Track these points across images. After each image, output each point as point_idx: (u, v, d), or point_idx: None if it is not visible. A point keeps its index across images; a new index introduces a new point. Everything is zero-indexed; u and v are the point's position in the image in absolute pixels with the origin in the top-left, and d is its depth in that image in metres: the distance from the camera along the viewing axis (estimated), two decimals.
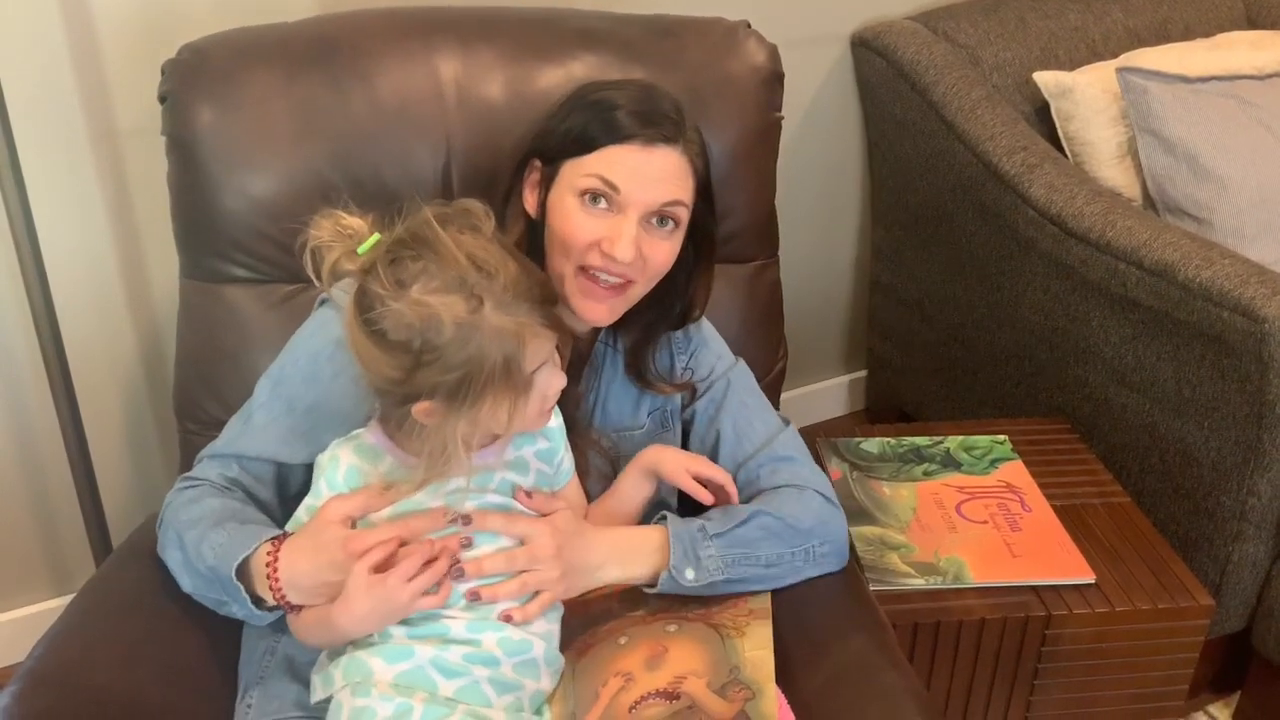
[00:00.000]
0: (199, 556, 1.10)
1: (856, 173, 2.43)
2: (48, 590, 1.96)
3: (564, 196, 1.17)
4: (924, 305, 2.32)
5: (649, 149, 1.15)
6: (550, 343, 1.03)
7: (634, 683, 1.11)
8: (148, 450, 1.92)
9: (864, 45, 2.23)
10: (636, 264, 1.16)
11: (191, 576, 1.13)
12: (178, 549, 1.14)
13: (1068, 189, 1.90)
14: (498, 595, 1.08)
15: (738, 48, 1.48)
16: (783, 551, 1.21)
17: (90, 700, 1.10)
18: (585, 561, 1.15)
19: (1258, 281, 1.63)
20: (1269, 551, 1.76)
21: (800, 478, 1.27)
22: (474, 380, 0.97)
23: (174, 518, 1.15)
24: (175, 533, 1.14)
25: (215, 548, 1.09)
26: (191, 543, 1.11)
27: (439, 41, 1.41)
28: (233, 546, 1.08)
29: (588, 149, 1.16)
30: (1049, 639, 1.50)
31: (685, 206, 1.18)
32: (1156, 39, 2.32)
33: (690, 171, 1.18)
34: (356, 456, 1.09)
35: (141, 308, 1.82)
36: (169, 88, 1.34)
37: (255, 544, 1.07)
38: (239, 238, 1.35)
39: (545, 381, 1.04)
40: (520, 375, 0.99)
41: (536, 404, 1.05)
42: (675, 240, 1.20)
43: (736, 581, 1.20)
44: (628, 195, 1.14)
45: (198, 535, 1.11)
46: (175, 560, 1.15)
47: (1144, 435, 1.86)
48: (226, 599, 1.10)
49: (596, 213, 1.15)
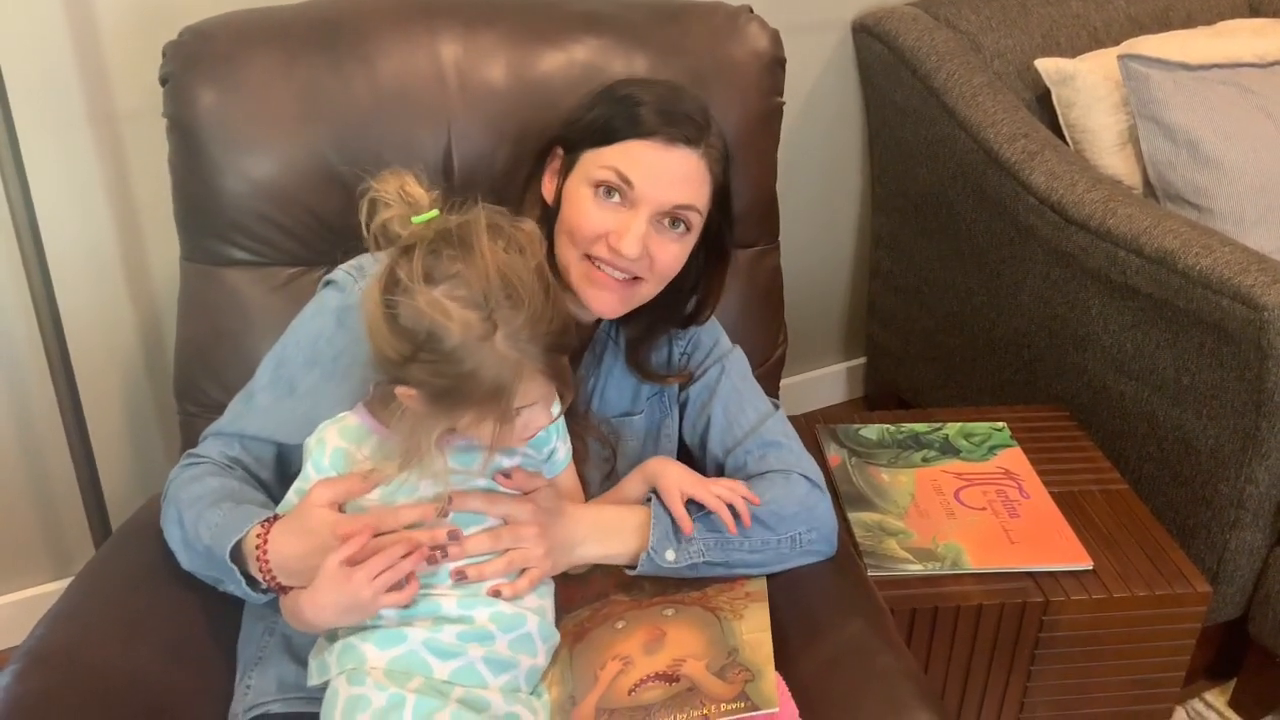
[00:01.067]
0: (196, 536, 1.11)
1: (857, 159, 2.43)
2: (48, 573, 1.97)
3: (579, 186, 1.17)
4: (923, 292, 2.32)
5: (669, 148, 1.14)
6: (547, 389, 1.03)
7: (633, 665, 1.11)
8: (147, 433, 1.92)
9: (865, 31, 2.23)
10: (643, 261, 1.16)
11: (189, 554, 1.14)
12: (177, 526, 1.14)
13: (1068, 176, 1.90)
14: (484, 574, 1.09)
15: (739, 32, 1.48)
16: (767, 538, 1.22)
17: (91, 679, 1.10)
18: (568, 538, 1.15)
19: (1257, 269, 1.63)
20: (1266, 539, 1.77)
21: (786, 463, 1.27)
22: (460, 393, 0.98)
23: (176, 495, 1.16)
24: (176, 510, 1.15)
25: (211, 528, 1.10)
26: (190, 522, 1.12)
27: (441, 25, 1.40)
28: (227, 528, 1.08)
29: (608, 140, 1.15)
30: (1046, 625, 1.51)
31: (698, 212, 1.18)
32: (1158, 26, 2.32)
33: (708, 177, 1.18)
34: (341, 439, 1.09)
35: (141, 290, 1.82)
36: (170, 70, 1.34)
37: (248, 526, 1.08)
38: (240, 220, 1.35)
39: (531, 417, 1.04)
40: (507, 404, 0.99)
41: (518, 432, 1.05)
42: (685, 243, 1.19)
43: (719, 565, 1.20)
44: (641, 192, 1.14)
45: (195, 515, 1.12)
46: (175, 538, 1.16)
47: (1142, 423, 1.86)
48: (222, 578, 1.11)
49: (609, 206, 1.15)
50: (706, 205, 1.19)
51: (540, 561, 1.11)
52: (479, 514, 1.10)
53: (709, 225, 1.21)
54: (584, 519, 1.18)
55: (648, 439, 1.33)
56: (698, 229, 1.20)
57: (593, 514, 1.20)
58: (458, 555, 1.08)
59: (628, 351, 1.30)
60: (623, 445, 1.30)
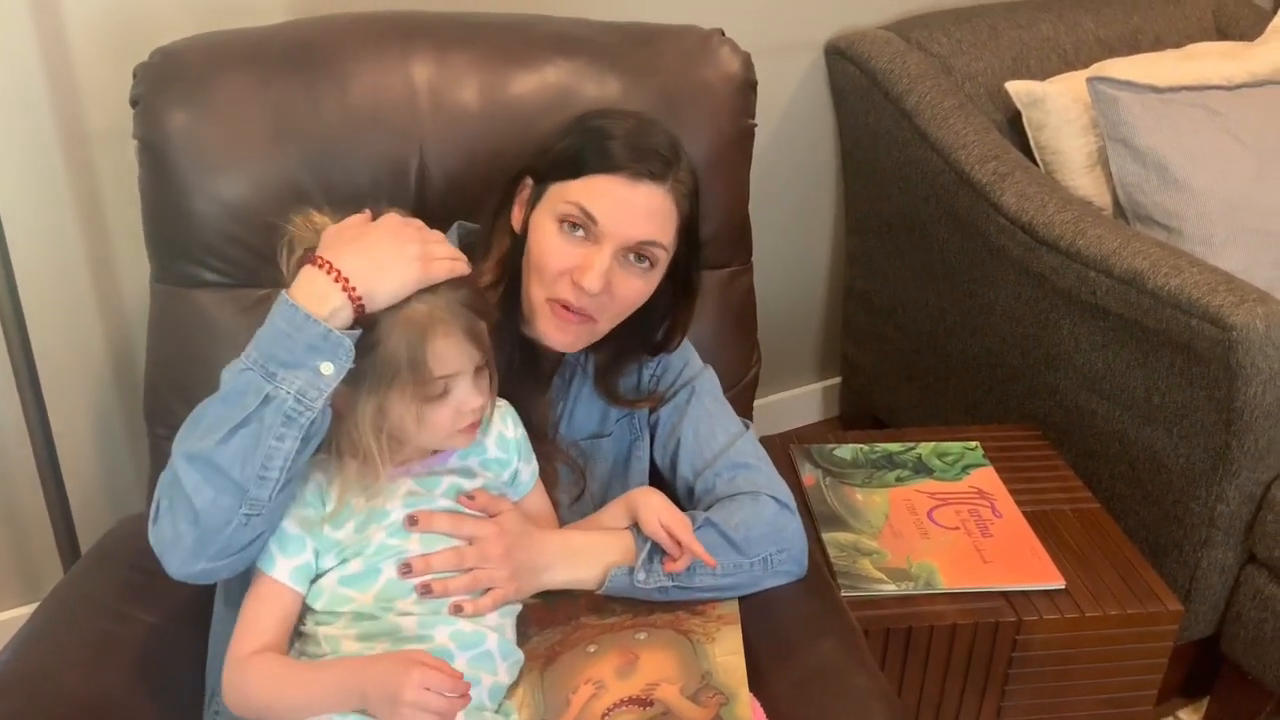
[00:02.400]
0: (214, 400, 1.03)
1: (830, 180, 2.44)
2: (16, 598, 1.94)
3: (545, 219, 1.17)
4: (897, 312, 2.33)
5: (634, 184, 1.14)
6: (465, 353, 1.03)
7: (606, 689, 1.10)
8: (118, 456, 1.91)
9: (838, 54, 2.24)
10: (603, 299, 1.16)
11: (205, 464, 1.01)
12: (192, 471, 1.02)
13: (1038, 197, 1.92)
14: (449, 589, 1.08)
15: (711, 55, 1.49)
16: (739, 561, 1.21)
17: (56, 704, 1.09)
18: (534, 562, 1.15)
19: (1226, 290, 1.65)
20: (1237, 557, 1.78)
21: (755, 484, 1.26)
22: (377, 365, 1.00)
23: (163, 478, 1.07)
24: (171, 461, 1.04)
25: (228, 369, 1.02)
26: (195, 419, 1.04)
27: (413, 46, 1.41)
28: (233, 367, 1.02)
29: (575, 174, 1.15)
30: (1019, 644, 1.51)
31: (664, 249, 1.17)
32: (1127, 49, 2.34)
33: (674, 213, 1.17)
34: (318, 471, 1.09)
35: (112, 312, 1.81)
36: (140, 91, 1.34)
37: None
38: (210, 241, 1.34)
39: (462, 396, 1.04)
40: (426, 371, 1.01)
41: (449, 416, 1.05)
42: (649, 279, 1.19)
43: (690, 589, 1.20)
44: (605, 228, 1.14)
45: (197, 413, 1.04)
46: (178, 478, 1.02)
47: (1114, 442, 1.87)
48: (286, 366, 0.98)
49: (574, 240, 1.15)
50: (673, 241, 1.18)
51: (505, 583, 1.11)
52: (444, 535, 1.10)
53: (676, 260, 1.21)
54: (551, 544, 1.17)
55: (618, 461, 1.33)
56: (663, 264, 1.19)
57: (560, 539, 1.19)
58: (422, 570, 1.07)
59: (596, 377, 1.30)
60: (592, 468, 1.30)
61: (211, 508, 1.01)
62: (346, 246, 1.01)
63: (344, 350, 0.99)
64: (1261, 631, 1.77)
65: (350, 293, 0.99)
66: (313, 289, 0.99)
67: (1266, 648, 1.77)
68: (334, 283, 0.99)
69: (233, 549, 1.03)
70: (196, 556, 1.03)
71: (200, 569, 1.04)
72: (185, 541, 1.03)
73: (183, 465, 1.02)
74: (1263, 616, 1.77)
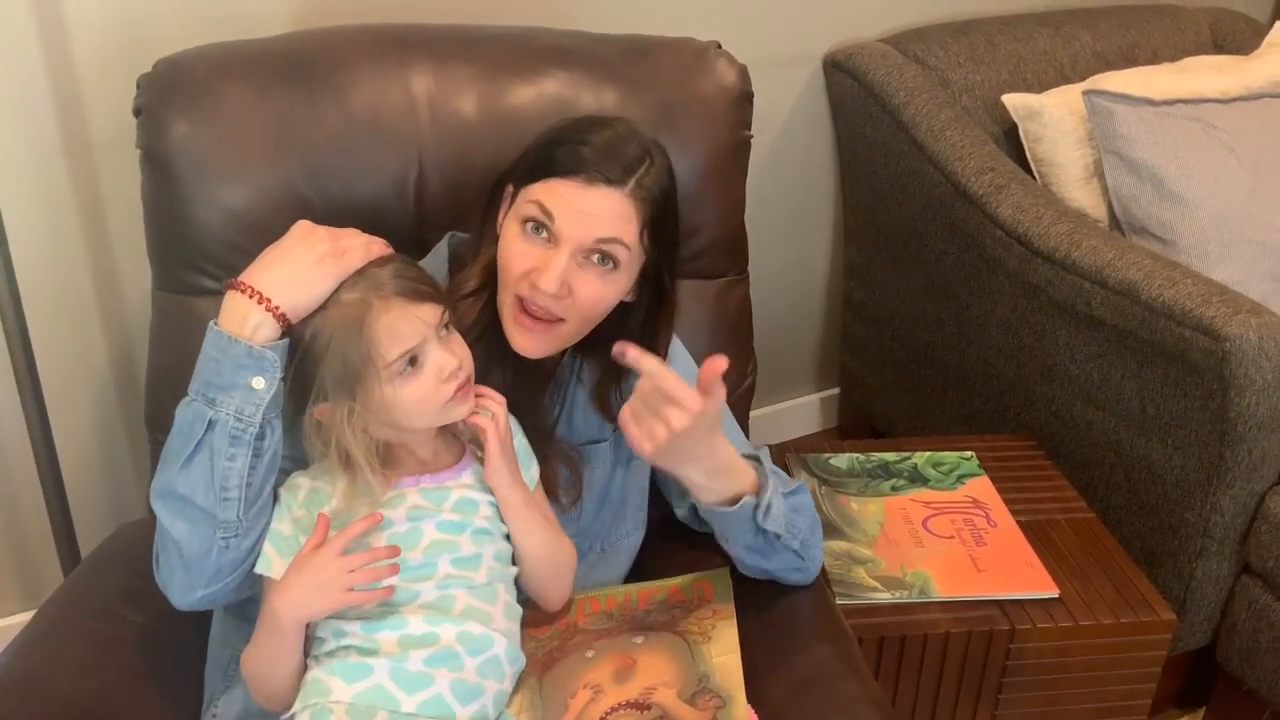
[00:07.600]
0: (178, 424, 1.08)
1: (829, 191, 2.45)
2: (16, 603, 1.95)
3: (511, 222, 1.17)
4: (894, 323, 2.34)
5: (589, 187, 1.13)
6: (414, 322, 1.04)
7: (603, 694, 1.11)
8: (119, 463, 1.92)
9: (836, 67, 2.26)
10: (566, 301, 1.15)
11: (177, 502, 1.07)
12: (165, 508, 1.08)
13: (1034, 209, 1.93)
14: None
15: (708, 68, 1.50)
16: (807, 539, 1.25)
17: (55, 707, 1.10)
18: (693, 451, 1.14)
19: (1220, 301, 1.65)
20: (1232, 567, 1.78)
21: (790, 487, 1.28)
22: (336, 366, 1.02)
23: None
24: (161, 515, 1.09)
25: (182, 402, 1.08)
26: (164, 484, 1.08)
27: (413, 58, 1.42)
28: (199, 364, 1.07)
29: (538, 177, 1.15)
30: (1013, 653, 1.52)
31: (625, 246, 1.15)
32: (1124, 62, 2.35)
33: (634, 215, 1.15)
34: (314, 479, 1.11)
35: (114, 320, 1.82)
36: (143, 101, 1.35)
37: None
38: (212, 250, 1.36)
39: (434, 361, 1.06)
40: (379, 355, 1.02)
41: (431, 386, 1.06)
42: (612, 281, 1.17)
43: (781, 551, 1.23)
44: (560, 228, 1.13)
45: (165, 478, 1.08)
46: (171, 519, 1.08)
47: (1109, 452, 1.88)
48: (224, 383, 1.05)
49: (536, 242, 1.15)
50: (635, 241, 1.16)
51: (660, 434, 1.09)
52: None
53: (646, 264, 1.20)
54: (718, 450, 1.17)
55: (617, 465, 1.33)
56: (629, 266, 1.17)
57: (728, 453, 1.19)
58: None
59: (592, 392, 1.30)
60: (590, 472, 1.30)
61: (189, 538, 1.06)
62: (261, 266, 1.06)
63: (269, 362, 1.04)
64: (1257, 642, 1.78)
65: (267, 304, 1.03)
66: (234, 312, 1.05)
67: (1262, 658, 1.78)
68: (251, 301, 1.04)
69: (224, 574, 1.08)
70: (192, 586, 1.08)
71: (200, 597, 1.09)
72: (178, 575, 1.08)
73: (157, 503, 1.08)
74: (1258, 627, 1.77)
